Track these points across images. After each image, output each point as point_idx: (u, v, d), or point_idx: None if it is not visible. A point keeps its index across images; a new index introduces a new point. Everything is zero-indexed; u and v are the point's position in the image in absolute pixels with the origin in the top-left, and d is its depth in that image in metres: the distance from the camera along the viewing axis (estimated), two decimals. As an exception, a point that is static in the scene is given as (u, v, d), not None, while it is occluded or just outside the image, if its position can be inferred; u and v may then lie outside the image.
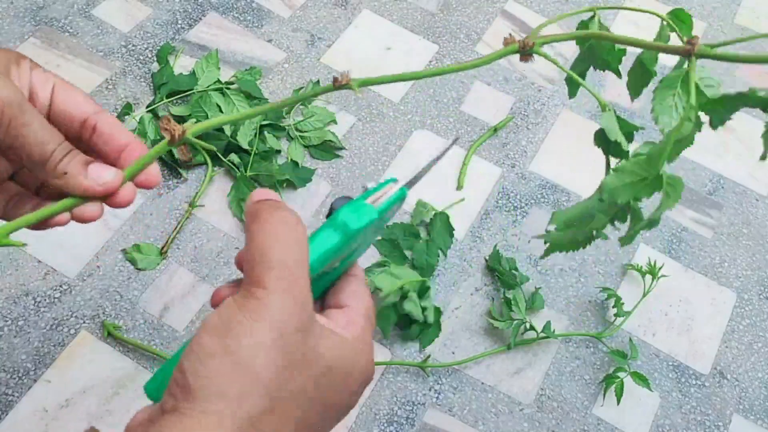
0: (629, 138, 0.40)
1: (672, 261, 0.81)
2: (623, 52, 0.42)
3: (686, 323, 0.77)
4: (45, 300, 0.71)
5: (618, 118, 0.40)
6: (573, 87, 0.45)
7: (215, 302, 0.37)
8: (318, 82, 0.88)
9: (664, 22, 0.40)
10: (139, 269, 0.74)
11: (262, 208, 0.35)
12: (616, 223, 0.40)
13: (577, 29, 0.42)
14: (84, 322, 0.70)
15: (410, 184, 0.41)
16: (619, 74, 0.44)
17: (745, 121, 0.94)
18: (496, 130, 0.88)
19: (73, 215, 0.41)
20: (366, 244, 0.41)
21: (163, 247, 0.75)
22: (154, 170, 0.42)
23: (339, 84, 0.39)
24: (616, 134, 0.39)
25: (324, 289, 0.40)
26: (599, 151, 0.41)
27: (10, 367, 0.67)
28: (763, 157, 0.37)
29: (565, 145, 0.87)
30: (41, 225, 0.42)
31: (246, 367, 0.31)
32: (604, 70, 0.43)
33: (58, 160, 0.39)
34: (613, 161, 0.39)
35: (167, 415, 0.31)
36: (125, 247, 0.75)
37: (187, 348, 0.32)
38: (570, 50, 0.97)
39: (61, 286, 0.72)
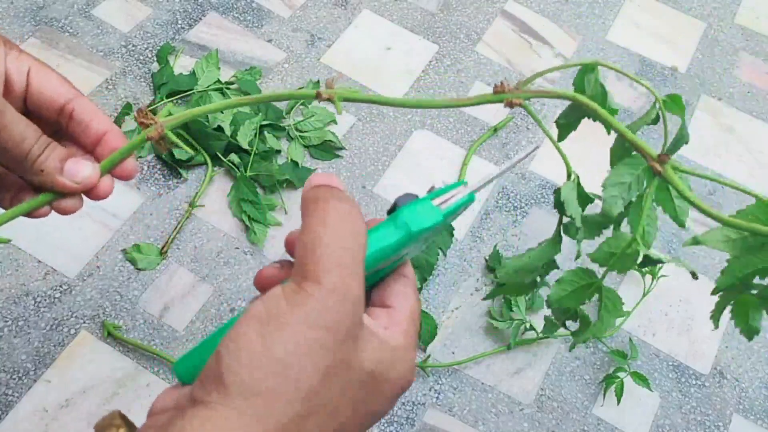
0: (585, 206, 0.41)
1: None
2: (615, 111, 0.42)
3: (686, 323, 0.77)
4: (45, 300, 0.71)
5: (579, 186, 0.40)
6: (562, 134, 0.45)
7: (260, 284, 0.35)
8: (318, 82, 0.88)
9: (657, 104, 0.40)
10: (139, 269, 0.74)
11: (321, 195, 0.33)
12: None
13: (574, 81, 0.42)
14: (84, 322, 0.70)
15: (479, 188, 0.38)
16: (608, 131, 0.44)
17: (745, 121, 0.94)
18: (496, 130, 0.88)
19: (54, 207, 0.41)
20: (423, 245, 0.39)
21: (163, 247, 0.75)
22: (131, 163, 0.42)
23: (322, 98, 0.38)
24: (572, 209, 0.40)
25: (371, 285, 0.38)
26: (599, 152, 0.41)
27: (10, 367, 0.67)
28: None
29: (565, 145, 0.87)
30: (27, 214, 0.41)
31: (286, 369, 0.29)
32: (594, 121, 0.44)
33: (36, 157, 0.39)
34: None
35: (198, 407, 0.29)
36: (125, 247, 0.75)
37: (226, 336, 0.30)
38: (570, 50, 0.97)
39: (61, 286, 0.72)
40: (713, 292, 0.39)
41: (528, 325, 0.73)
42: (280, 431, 0.29)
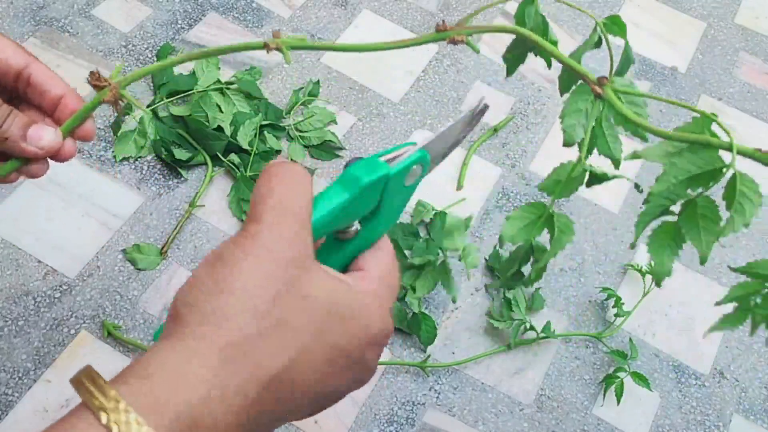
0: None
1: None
2: (556, 43, 0.42)
3: (686, 323, 0.77)
4: (45, 300, 0.71)
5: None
6: (510, 68, 0.45)
7: None
8: (318, 82, 0.88)
9: (598, 28, 0.41)
10: (139, 269, 0.74)
11: (271, 163, 0.36)
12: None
13: (515, 14, 0.43)
14: (84, 322, 0.70)
15: (430, 148, 0.39)
16: (549, 64, 0.44)
17: (744, 121, 0.94)
18: (496, 130, 0.88)
19: (21, 173, 0.43)
20: (391, 213, 0.40)
21: (163, 247, 0.75)
22: (89, 124, 0.45)
23: (270, 48, 0.39)
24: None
25: (349, 260, 0.39)
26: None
27: (10, 367, 0.67)
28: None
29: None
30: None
31: (233, 292, 0.31)
32: (536, 56, 0.45)
33: None
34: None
35: (160, 342, 0.31)
36: (125, 247, 0.75)
37: (187, 280, 0.33)
38: (569, 50, 0.97)
39: (61, 286, 0.72)
40: (645, 202, 0.39)
41: (528, 325, 0.73)
42: (233, 348, 0.31)
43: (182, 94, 0.84)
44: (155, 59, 0.88)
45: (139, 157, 0.81)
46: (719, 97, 0.95)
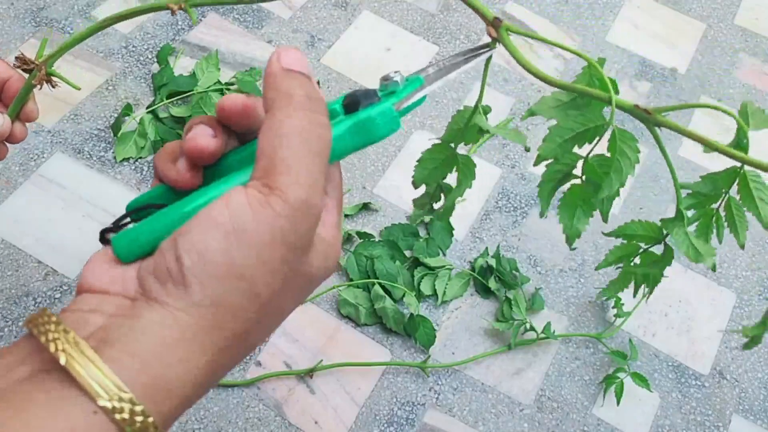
0: None
1: (672, 261, 0.81)
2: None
3: (686, 323, 0.77)
4: (45, 300, 0.71)
5: None
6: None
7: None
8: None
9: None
10: (140, 270, 0.74)
11: (296, 91, 0.32)
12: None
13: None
14: (84, 323, 0.70)
15: (429, 80, 0.38)
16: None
17: (744, 122, 0.94)
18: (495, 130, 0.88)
19: None
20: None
21: (163, 248, 0.75)
22: (30, 106, 0.48)
23: (174, 10, 0.39)
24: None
25: None
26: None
27: (11, 368, 0.67)
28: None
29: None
30: None
31: (247, 283, 0.30)
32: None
33: None
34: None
35: (154, 307, 0.30)
36: (125, 247, 0.75)
37: (184, 235, 0.30)
38: (569, 53, 0.97)
39: (61, 287, 0.72)
40: (536, 162, 0.41)
41: (528, 326, 0.73)
42: (232, 342, 0.30)
43: (182, 95, 0.84)
44: (155, 60, 0.88)
45: (140, 157, 0.81)
46: (719, 98, 0.95)
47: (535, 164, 0.42)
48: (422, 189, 0.49)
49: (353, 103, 0.35)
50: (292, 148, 0.31)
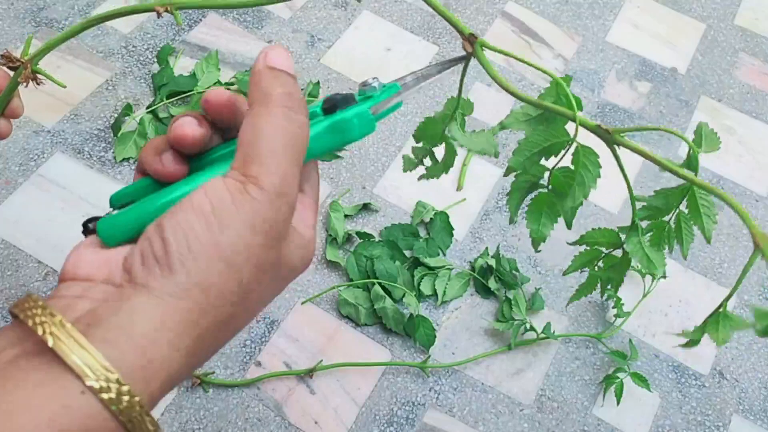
0: None
1: (672, 261, 0.81)
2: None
3: (686, 324, 0.77)
4: (45, 301, 0.71)
5: None
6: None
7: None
8: (318, 83, 0.88)
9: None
10: (140, 270, 0.74)
11: (277, 90, 0.34)
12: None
13: None
14: (84, 323, 0.70)
15: (406, 88, 0.41)
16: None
17: (745, 122, 0.94)
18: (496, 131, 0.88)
19: None
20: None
21: (163, 248, 0.75)
22: (15, 103, 0.48)
23: (159, 12, 0.40)
24: None
25: None
26: (598, 152, 0.42)
27: (11, 368, 0.67)
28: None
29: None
30: None
31: (230, 267, 0.31)
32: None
33: None
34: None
35: (140, 291, 0.30)
36: (125, 247, 0.75)
37: (169, 219, 0.31)
38: (569, 51, 0.97)
39: (61, 287, 0.72)
40: (506, 173, 0.45)
41: (528, 326, 0.73)
42: (215, 325, 0.31)
43: (182, 95, 0.84)
44: (155, 60, 0.88)
45: (140, 157, 0.81)
46: (719, 98, 0.95)
47: (505, 175, 0.45)
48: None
49: (332, 106, 0.37)
50: (268, 140, 0.32)
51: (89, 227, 0.36)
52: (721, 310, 0.43)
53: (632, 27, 1.01)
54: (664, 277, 0.78)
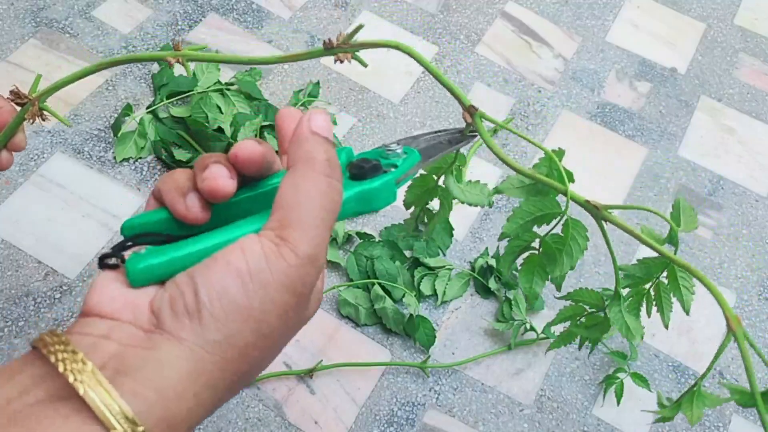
0: None
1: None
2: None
3: (686, 324, 0.77)
4: (45, 301, 0.71)
5: None
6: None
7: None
8: (318, 83, 0.88)
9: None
10: (140, 270, 0.74)
11: (320, 157, 0.35)
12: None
13: None
14: (84, 323, 0.70)
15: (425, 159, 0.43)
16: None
17: (745, 122, 0.94)
18: (495, 131, 0.88)
19: None
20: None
21: (163, 248, 0.75)
22: (19, 137, 0.49)
23: (171, 63, 0.43)
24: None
25: None
26: (598, 152, 0.42)
27: (11, 368, 0.67)
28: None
29: (564, 146, 0.87)
30: None
31: (261, 324, 0.32)
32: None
33: None
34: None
35: (171, 341, 0.31)
36: (125, 247, 0.75)
37: (203, 275, 0.32)
38: (569, 51, 0.97)
39: (61, 287, 0.72)
40: (500, 238, 0.48)
41: (528, 326, 0.73)
42: (239, 375, 0.33)
43: (182, 95, 0.84)
44: (156, 60, 0.88)
45: (139, 158, 0.81)
46: (719, 99, 0.95)
47: (499, 240, 0.48)
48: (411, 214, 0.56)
49: (360, 173, 0.39)
50: (308, 207, 0.33)
51: (107, 263, 0.35)
52: (695, 388, 0.45)
53: (632, 27, 1.01)
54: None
